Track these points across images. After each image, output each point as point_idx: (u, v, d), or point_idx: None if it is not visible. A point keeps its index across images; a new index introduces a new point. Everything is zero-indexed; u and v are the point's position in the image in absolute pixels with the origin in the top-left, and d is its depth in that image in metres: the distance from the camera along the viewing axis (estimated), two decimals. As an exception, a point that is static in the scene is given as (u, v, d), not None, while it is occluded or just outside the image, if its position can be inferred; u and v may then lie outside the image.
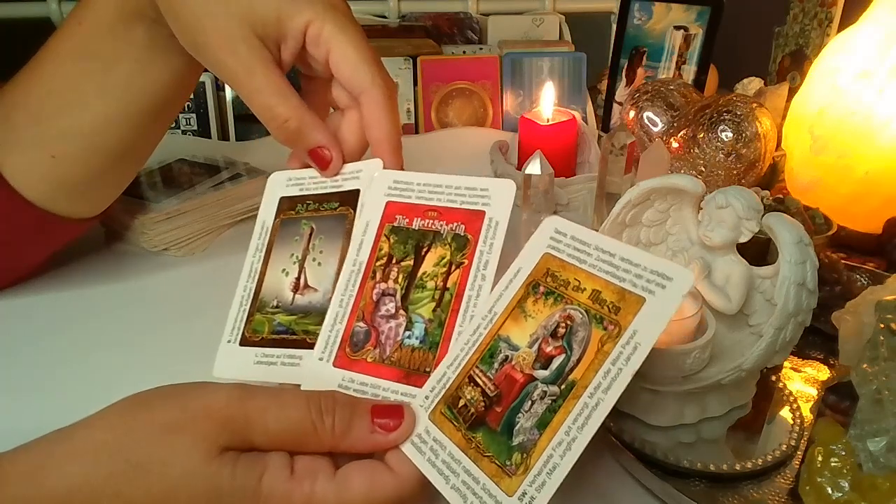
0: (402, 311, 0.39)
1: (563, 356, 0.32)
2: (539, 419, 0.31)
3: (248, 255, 0.46)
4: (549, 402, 0.31)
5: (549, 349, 0.33)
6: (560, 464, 0.29)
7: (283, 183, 0.48)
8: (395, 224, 0.42)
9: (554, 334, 0.33)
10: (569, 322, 0.33)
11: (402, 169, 0.45)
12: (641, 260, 0.33)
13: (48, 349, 0.51)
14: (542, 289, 0.35)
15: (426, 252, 0.40)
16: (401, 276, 0.40)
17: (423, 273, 0.39)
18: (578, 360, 0.32)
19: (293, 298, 0.43)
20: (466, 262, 0.38)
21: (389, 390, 0.36)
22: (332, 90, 0.47)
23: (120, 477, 0.29)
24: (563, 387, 0.31)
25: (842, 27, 0.70)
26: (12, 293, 0.56)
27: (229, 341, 0.44)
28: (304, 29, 0.42)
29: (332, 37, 0.42)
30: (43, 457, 0.30)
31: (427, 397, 0.35)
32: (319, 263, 0.43)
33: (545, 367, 0.32)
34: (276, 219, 0.47)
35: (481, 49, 0.90)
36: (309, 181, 0.47)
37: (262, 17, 0.42)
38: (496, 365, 0.34)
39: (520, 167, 0.69)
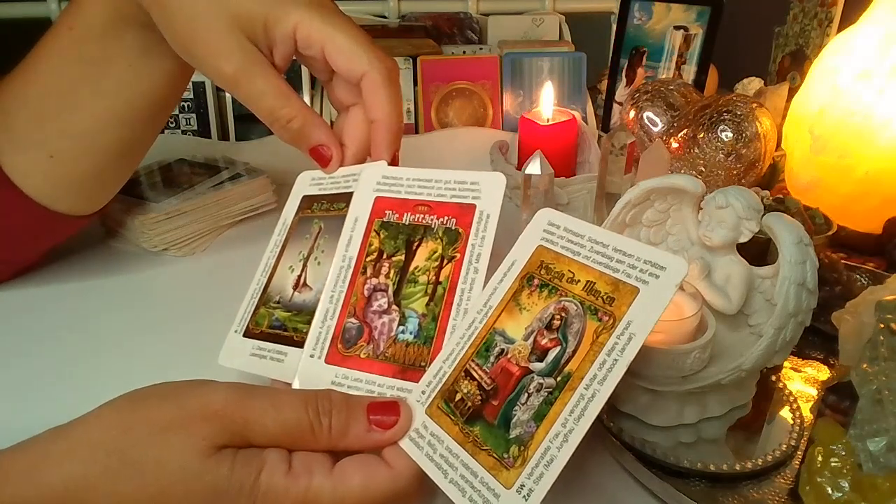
0: (394, 307, 0.39)
1: (558, 348, 0.32)
2: (536, 411, 0.31)
3: (266, 250, 0.47)
4: (546, 394, 0.31)
5: (544, 341, 0.33)
6: (557, 456, 0.29)
7: (308, 182, 0.48)
8: (385, 219, 0.42)
9: (549, 326, 0.33)
10: (563, 314, 0.33)
11: (398, 151, 0.45)
12: (635, 250, 0.33)
13: (48, 349, 0.51)
14: (536, 281, 0.35)
15: (417, 247, 0.40)
16: (392, 272, 0.40)
17: (415, 268, 0.39)
18: (574, 352, 0.32)
19: (292, 295, 0.43)
20: (458, 255, 0.38)
21: (385, 386, 0.36)
22: (335, 92, 0.47)
23: (116, 475, 0.29)
24: (559, 379, 0.31)
25: (842, 27, 0.70)
26: (13, 293, 0.56)
27: (236, 331, 0.44)
28: (293, 33, 0.43)
29: (322, 32, 0.43)
30: (40, 455, 0.30)
31: (423, 392, 0.35)
32: (319, 263, 0.44)
33: (541, 360, 0.32)
34: (295, 216, 0.47)
35: (481, 49, 0.90)
36: (328, 181, 0.47)
37: (251, 24, 0.42)
38: (492, 358, 0.34)
39: (520, 167, 0.69)
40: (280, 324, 0.42)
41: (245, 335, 0.44)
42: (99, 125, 0.50)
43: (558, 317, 0.33)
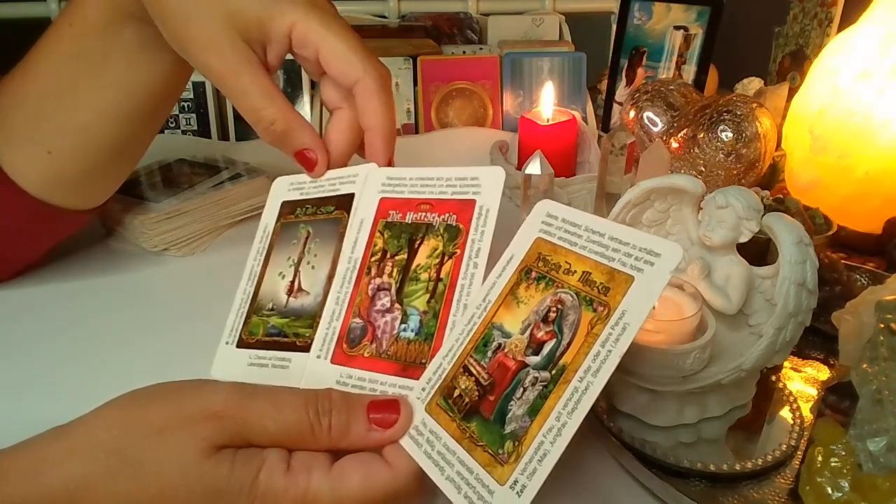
0: (397, 305, 0.39)
1: (554, 341, 0.32)
2: (530, 406, 0.31)
3: (248, 259, 0.47)
4: (541, 388, 0.31)
5: (540, 334, 0.33)
6: (550, 450, 0.29)
7: (286, 187, 0.48)
8: (389, 219, 0.42)
9: (545, 319, 0.33)
10: (559, 306, 0.33)
11: (392, 157, 0.45)
12: (630, 238, 0.33)
13: (48, 349, 0.51)
14: (533, 274, 0.35)
15: (419, 245, 0.40)
16: (395, 270, 0.40)
17: (417, 265, 0.39)
18: (569, 344, 0.31)
19: (287, 301, 0.43)
20: (459, 251, 0.38)
21: (387, 384, 0.36)
22: (322, 91, 0.47)
23: (117, 475, 0.29)
24: (553, 371, 0.31)
25: (842, 27, 0.70)
26: (12, 293, 0.56)
27: (227, 343, 0.44)
28: (289, 31, 0.43)
29: (318, 34, 0.43)
30: (40, 455, 0.30)
31: (423, 389, 0.35)
32: (313, 267, 0.43)
33: (537, 353, 0.32)
34: (277, 222, 0.47)
35: (481, 49, 0.90)
36: (309, 185, 0.47)
37: (245, 21, 0.42)
38: (490, 353, 0.34)
39: (520, 167, 0.69)
40: (278, 330, 0.42)
41: (239, 346, 0.43)
42: (98, 121, 0.50)
43: (554, 309, 0.33)
